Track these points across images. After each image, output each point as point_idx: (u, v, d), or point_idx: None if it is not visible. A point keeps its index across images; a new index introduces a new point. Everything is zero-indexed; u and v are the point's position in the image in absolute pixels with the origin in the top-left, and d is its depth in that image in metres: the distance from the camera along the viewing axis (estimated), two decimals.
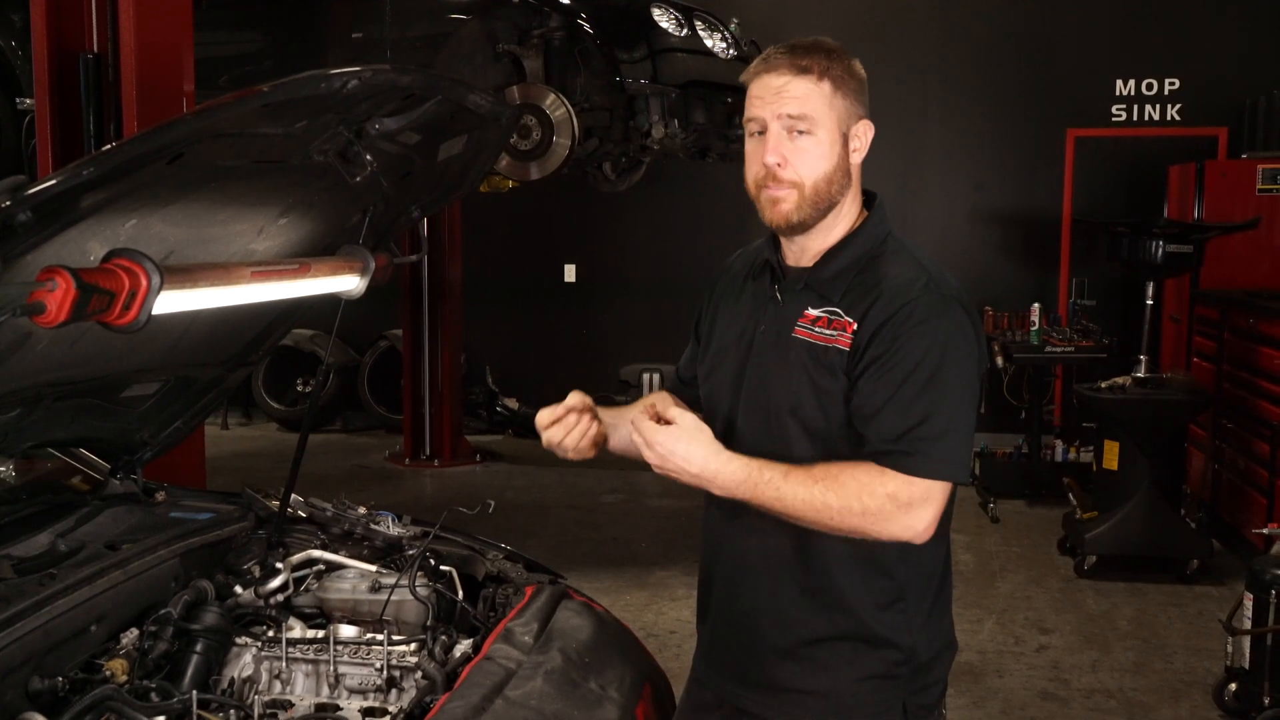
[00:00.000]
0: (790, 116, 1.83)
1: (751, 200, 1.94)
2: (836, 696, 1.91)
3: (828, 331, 1.85)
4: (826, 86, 1.84)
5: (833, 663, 1.91)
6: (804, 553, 1.89)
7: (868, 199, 1.99)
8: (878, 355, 1.80)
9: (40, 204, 1.59)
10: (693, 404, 2.15)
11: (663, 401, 1.95)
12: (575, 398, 1.96)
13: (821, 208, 1.88)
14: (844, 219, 1.93)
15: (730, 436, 1.95)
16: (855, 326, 1.83)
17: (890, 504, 1.75)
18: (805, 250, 1.94)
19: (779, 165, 1.85)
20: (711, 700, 2.06)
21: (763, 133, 1.87)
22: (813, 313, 1.88)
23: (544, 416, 1.94)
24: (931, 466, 1.77)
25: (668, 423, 1.80)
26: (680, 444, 1.77)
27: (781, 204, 1.87)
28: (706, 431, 1.79)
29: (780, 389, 1.90)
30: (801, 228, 1.89)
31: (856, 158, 1.91)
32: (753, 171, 1.90)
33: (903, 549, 1.83)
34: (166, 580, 2.37)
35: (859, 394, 1.81)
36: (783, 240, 1.96)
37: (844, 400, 1.83)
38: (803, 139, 1.84)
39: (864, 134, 1.90)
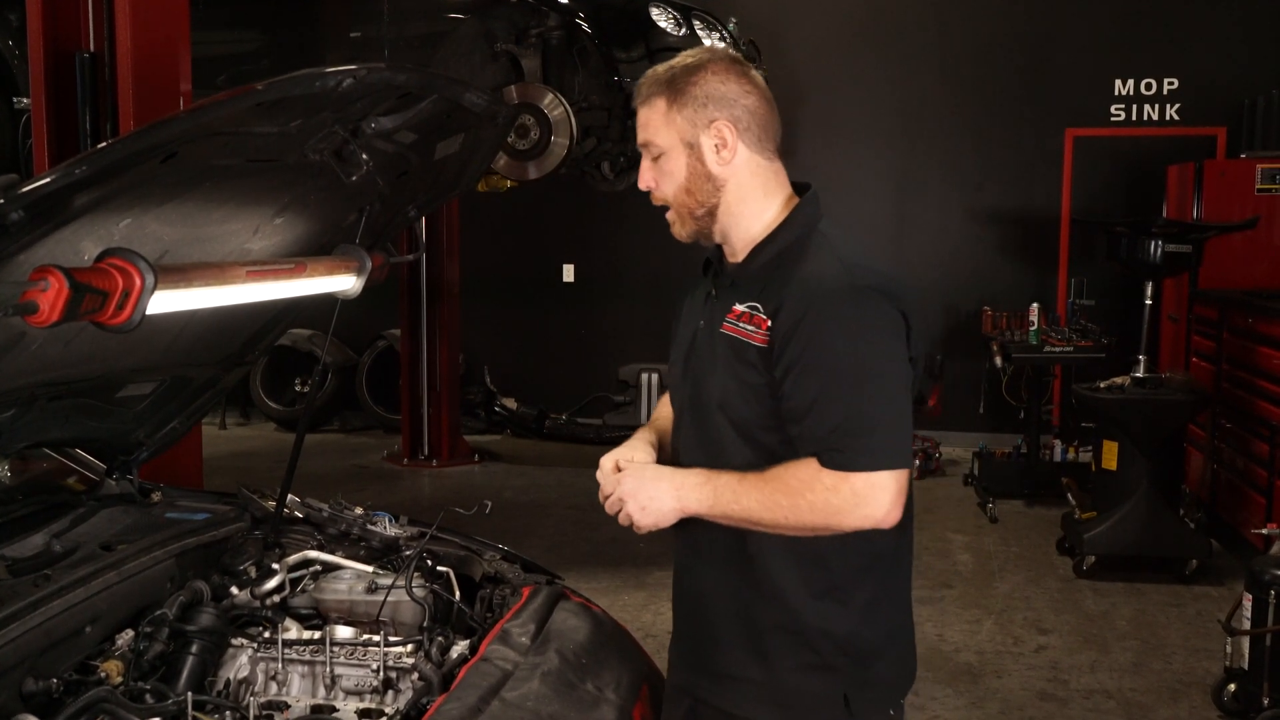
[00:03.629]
0: (642, 145, 1.94)
1: None
2: (777, 686, 1.94)
3: (748, 327, 1.88)
4: (661, 104, 1.90)
5: (772, 652, 1.94)
6: (743, 544, 1.92)
7: (803, 189, 2.00)
8: (797, 356, 1.81)
9: (33, 203, 1.58)
10: None
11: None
12: (642, 451, 2.03)
13: (698, 215, 1.94)
14: (753, 217, 1.94)
15: (679, 424, 2.04)
16: (770, 323, 1.85)
17: (834, 497, 1.77)
18: (733, 248, 1.98)
19: (650, 191, 1.96)
20: (677, 690, 2.11)
21: None
22: (738, 308, 1.91)
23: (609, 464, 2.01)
24: (865, 460, 1.77)
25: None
26: (644, 486, 1.89)
27: (673, 225, 1.98)
28: (653, 466, 1.93)
29: (711, 383, 1.94)
30: (701, 236, 1.97)
31: (726, 155, 1.90)
32: None
33: (840, 539, 1.85)
34: (162, 581, 2.36)
35: (787, 398, 1.83)
36: None
37: (768, 395, 1.86)
38: (660, 161, 1.93)
39: (722, 132, 1.89)
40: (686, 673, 2.08)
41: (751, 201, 1.94)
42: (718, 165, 1.90)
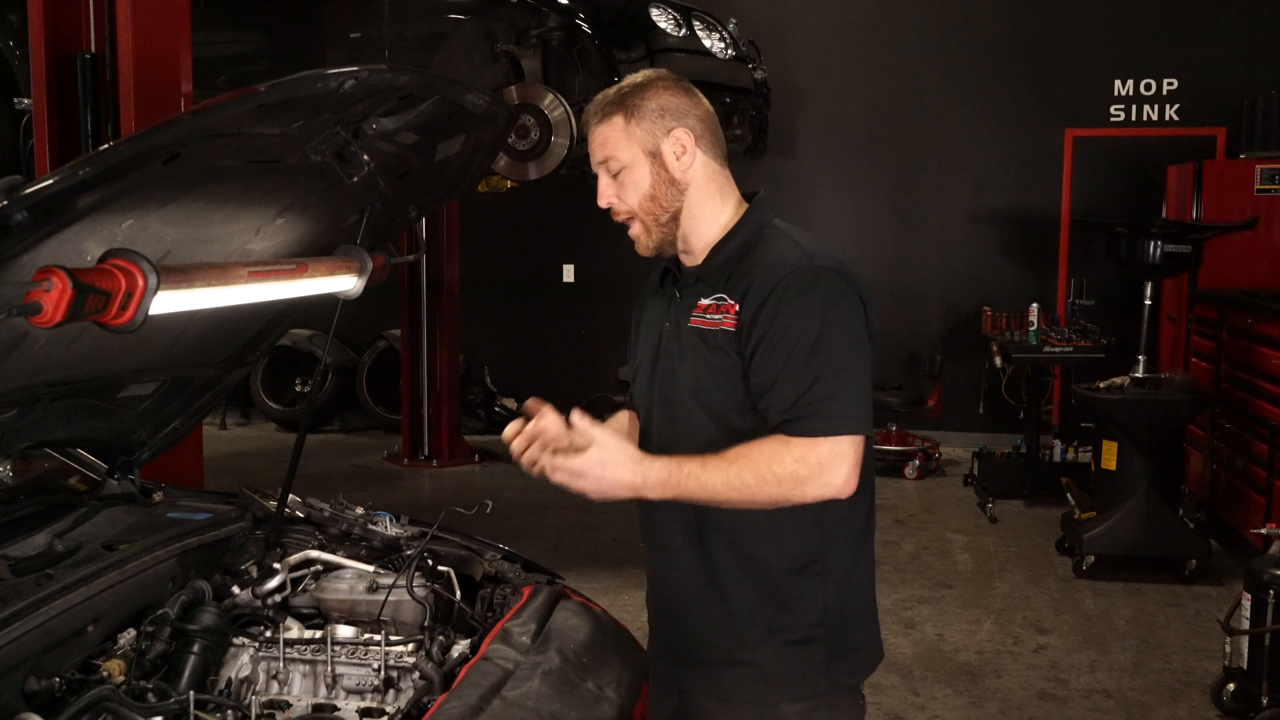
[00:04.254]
0: (601, 162, 2.02)
1: None
2: (759, 665, 1.98)
3: (716, 316, 1.97)
4: (619, 120, 1.99)
5: (752, 633, 1.98)
6: (718, 527, 1.97)
7: (750, 197, 2.09)
8: (764, 334, 1.90)
9: (37, 204, 1.58)
10: None
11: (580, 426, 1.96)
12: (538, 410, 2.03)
13: (663, 221, 2.02)
14: (711, 218, 2.04)
15: (648, 427, 2.09)
16: (738, 307, 1.94)
17: (801, 467, 1.83)
18: (692, 252, 2.06)
19: (611, 207, 2.04)
20: (661, 684, 2.15)
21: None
22: (704, 302, 2.00)
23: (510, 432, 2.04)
24: (829, 425, 1.85)
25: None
26: (606, 466, 1.87)
27: (638, 239, 2.05)
28: (623, 444, 1.89)
29: (683, 375, 2.01)
30: (667, 245, 2.04)
31: (686, 160, 2.00)
32: None
33: (819, 511, 1.92)
34: (164, 580, 2.37)
35: (754, 373, 1.91)
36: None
37: (740, 378, 1.94)
38: (621, 175, 2.01)
39: (681, 139, 1.99)
40: (667, 666, 2.12)
41: (710, 204, 2.04)
42: (680, 171, 2.00)
